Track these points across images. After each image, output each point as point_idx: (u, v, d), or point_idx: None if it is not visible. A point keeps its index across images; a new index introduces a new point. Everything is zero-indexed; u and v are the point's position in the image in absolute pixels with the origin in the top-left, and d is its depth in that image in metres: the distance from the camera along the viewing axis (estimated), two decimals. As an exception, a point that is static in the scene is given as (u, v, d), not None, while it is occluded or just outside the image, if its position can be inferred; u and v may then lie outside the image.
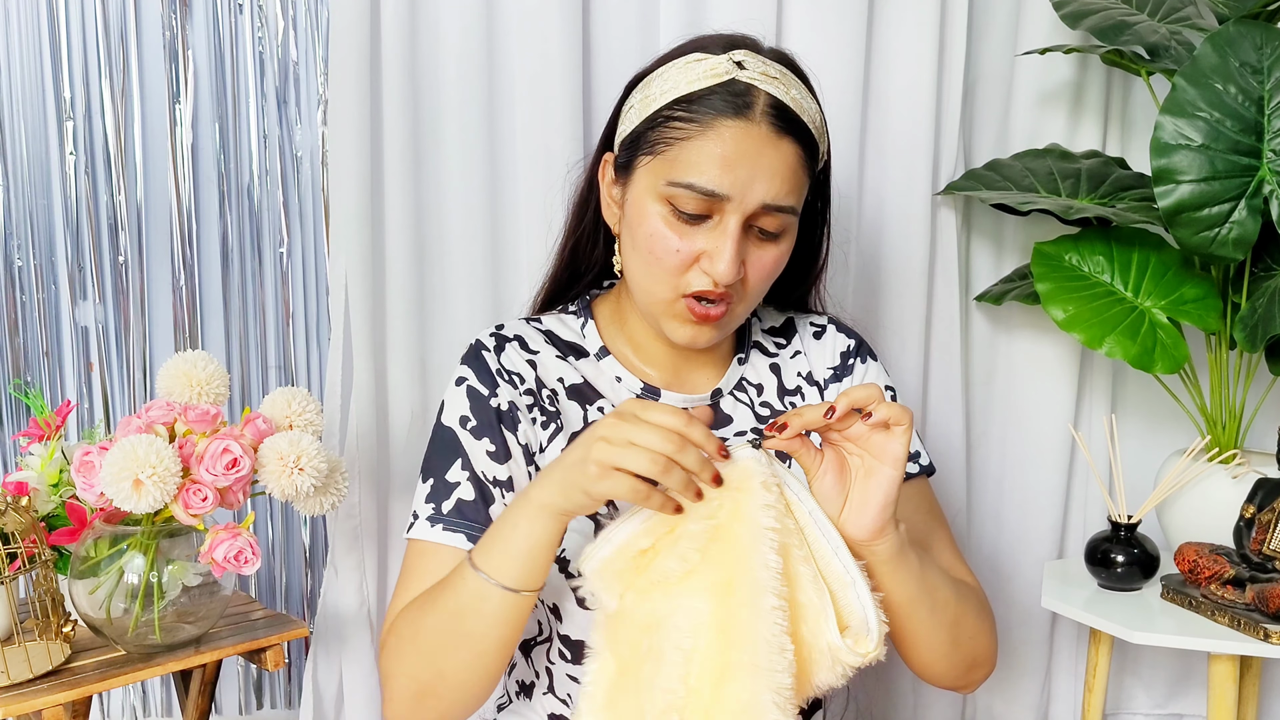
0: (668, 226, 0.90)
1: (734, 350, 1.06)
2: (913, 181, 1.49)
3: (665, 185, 0.90)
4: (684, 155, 0.89)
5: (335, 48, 1.33)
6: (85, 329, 1.52)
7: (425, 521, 0.95)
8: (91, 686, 1.05)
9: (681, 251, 0.90)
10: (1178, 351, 1.33)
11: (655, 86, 0.93)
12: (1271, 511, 1.22)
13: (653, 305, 0.95)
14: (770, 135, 0.89)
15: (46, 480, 1.16)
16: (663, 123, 0.91)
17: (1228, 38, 1.25)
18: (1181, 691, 1.69)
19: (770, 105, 0.89)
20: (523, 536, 0.82)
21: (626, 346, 1.03)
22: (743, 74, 0.90)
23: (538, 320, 1.06)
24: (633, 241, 0.94)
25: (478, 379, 0.98)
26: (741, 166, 0.88)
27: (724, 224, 0.89)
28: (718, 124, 0.88)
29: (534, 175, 1.39)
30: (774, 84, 0.90)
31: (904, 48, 1.47)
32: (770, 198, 0.89)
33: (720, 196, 0.88)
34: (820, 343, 1.09)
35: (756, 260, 0.92)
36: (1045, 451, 1.59)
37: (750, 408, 1.04)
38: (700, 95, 0.90)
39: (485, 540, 0.85)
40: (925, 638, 0.91)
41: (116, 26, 1.47)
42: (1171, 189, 1.25)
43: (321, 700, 1.45)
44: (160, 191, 1.51)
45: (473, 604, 0.84)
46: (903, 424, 0.80)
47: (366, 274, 1.37)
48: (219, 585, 1.13)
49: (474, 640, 0.85)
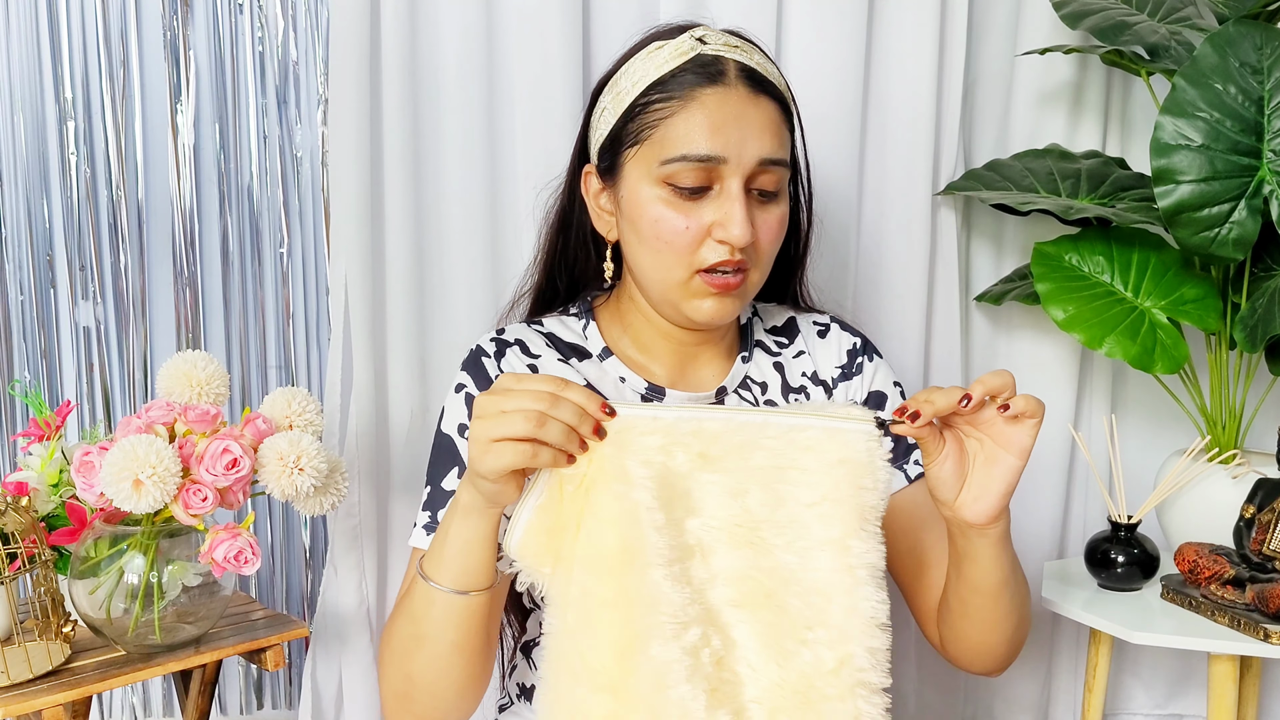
0: (670, 208, 0.91)
1: (738, 348, 1.07)
2: (913, 181, 1.49)
3: (659, 166, 0.91)
4: (671, 132, 0.90)
5: (335, 48, 1.33)
6: (85, 329, 1.52)
7: (422, 529, 0.96)
8: (91, 687, 1.05)
9: (690, 228, 0.91)
10: (1178, 351, 1.34)
11: (624, 82, 0.94)
12: (1271, 511, 1.22)
13: (670, 292, 0.94)
14: (749, 94, 0.91)
15: (46, 480, 1.16)
16: (640, 111, 0.92)
17: (1228, 38, 1.25)
18: (1181, 692, 1.69)
19: (740, 69, 0.92)
20: (453, 538, 0.82)
21: (630, 346, 1.03)
22: (707, 47, 0.92)
23: (539, 323, 1.05)
24: (638, 236, 0.94)
25: (477, 386, 0.98)
26: (730, 128, 0.89)
27: (726, 189, 0.90)
28: (697, 94, 0.90)
29: (534, 175, 1.39)
30: (738, 52, 0.93)
31: (904, 48, 1.48)
32: (765, 152, 0.90)
33: (717, 159, 0.89)
34: (825, 341, 1.09)
35: (763, 223, 0.93)
36: (1045, 451, 1.59)
37: (754, 405, 1.04)
38: (671, 75, 0.91)
39: (430, 546, 0.85)
40: (1000, 621, 0.93)
41: (116, 26, 1.47)
42: (1171, 189, 1.25)
43: (321, 700, 1.45)
44: (160, 191, 1.51)
45: (423, 608, 0.85)
46: (1036, 416, 0.80)
47: (366, 274, 1.37)
48: (219, 585, 1.13)
49: (429, 642, 0.85)
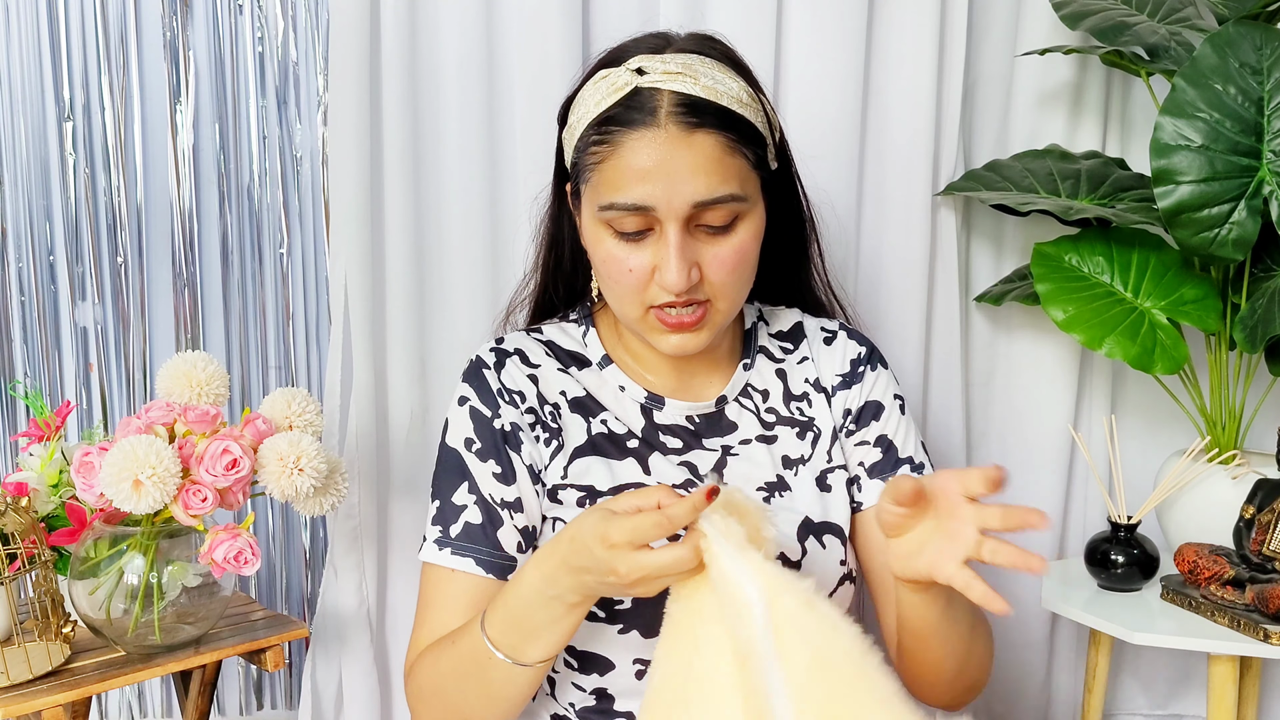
0: (615, 248, 0.91)
1: (739, 354, 1.06)
2: (913, 182, 1.49)
3: (598, 211, 0.90)
4: (604, 178, 0.89)
5: (335, 48, 1.33)
6: (85, 329, 1.52)
7: (434, 544, 0.95)
8: (91, 687, 1.05)
9: (634, 270, 0.90)
10: (1177, 352, 1.33)
11: (575, 114, 0.93)
12: (1271, 512, 1.22)
13: (631, 324, 0.95)
14: (680, 135, 0.87)
15: (46, 481, 1.16)
16: (584, 149, 0.92)
17: (1227, 38, 1.25)
18: (1181, 692, 1.69)
19: (676, 105, 0.87)
20: (543, 625, 0.83)
21: (627, 354, 1.03)
22: (644, 79, 0.88)
23: (538, 330, 1.05)
24: (595, 269, 0.95)
25: (479, 399, 0.98)
26: (656, 176, 0.87)
27: (664, 235, 0.88)
28: (625, 139, 0.88)
29: (534, 175, 1.39)
30: (678, 80, 0.88)
31: (904, 48, 1.47)
32: (699, 195, 0.87)
33: (646, 209, 0.87)
34: (830, 349, 1.08)
35: (713, 258, 0.90)
36: (1045, 452, 1.59)
37: (755, 414, 1.03)
38: (607, 114, 0.89)
39: (502, 617, 0.85)
40: (936, 664, 0.93)
41: (116, 26, 1.47)
42: (1171, 190, 1.25)
43: (321, 701, 1.45)
44: (160, 192, 1.51)
45: (492, 674, 0.86)
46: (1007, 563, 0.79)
47: (366, 274, 1.37)
48: (219, 586, 1.13)
49: (494, 696, 0.88)
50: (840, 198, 1.48)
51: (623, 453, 0.98)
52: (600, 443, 0.98)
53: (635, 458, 0.98)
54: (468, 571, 0.94)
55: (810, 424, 1.04)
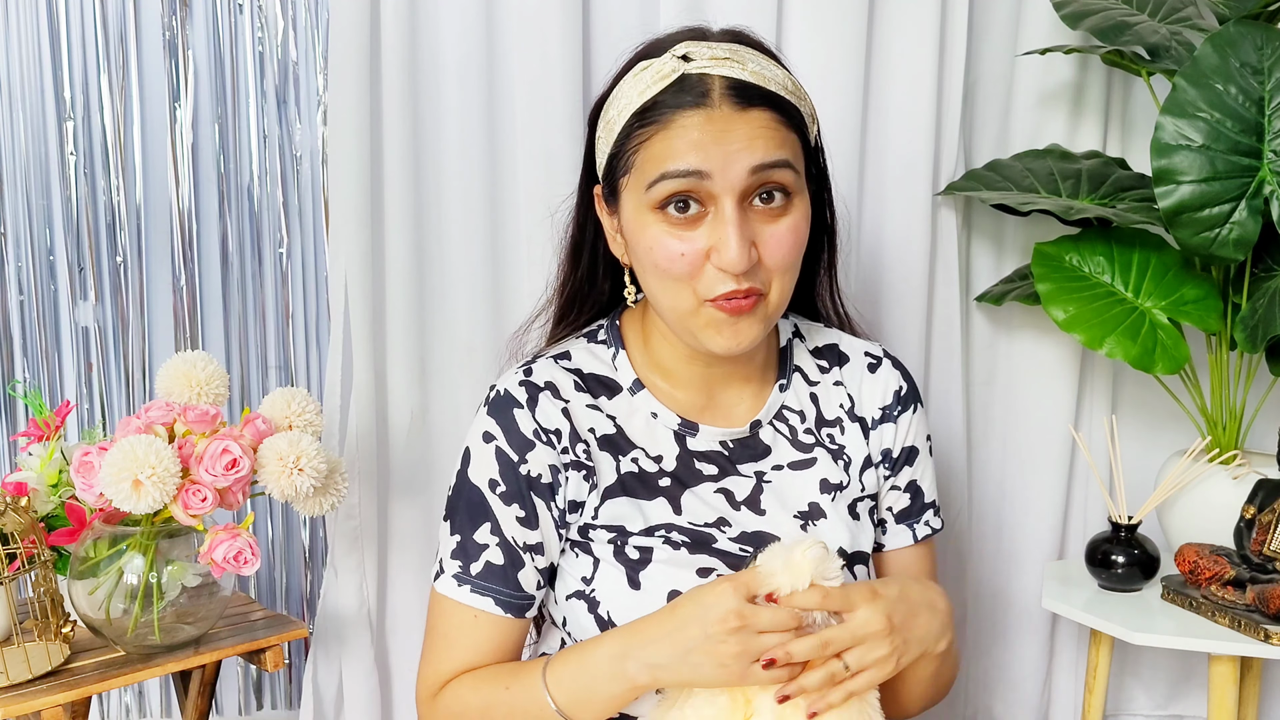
0: (665, 234, 0.87)
1: (775, 374, 1.02)
2: (913, 182, 1.49)
3: (647, 192, 0.87)
4: (652, 154, 0.86)
5: (335, 48, 1.33)
6: (85, 329, 1.52)
7: (452, 579, 0.94)
8: (91, 687, 1.05)
9: (687, 254, 0.86)
10: (1178, 352, 1.33)
11: (613, 110, 0.91)
12: (1272, 512, 1.22)
13: (683, 321, 0.90)
14: (734, 112, 0.85)
15: (46, 480, 1.16)
16: (627, 136, 0.89)
17: (1228, 38, 1.25)
18: (1182, 692, 1.69)
19: (727, 87, 0.86)
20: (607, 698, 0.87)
21: (655, 373, 0.99)
22: (691, 66, 0.86)
23: (565, 357, 1.00)
24: (641, 264, 0.91)
25: (507, 441, 0.94)
26: (713, 146, 0.84)
27: (720, 210, 0.85)
28: (678, 118, 0.85)
29: (534, 175, 1.39)
30: (726, 65, 0.86)
31: (904, 49, 1.47)
32: (756, 159, 0.85)
33: (702, 174, 0.84)
34: (875, 377, 1.04)
35: (770, 237, 0.87)
36: (1046, 452, 1.59)
37: (790, 439, 1.00)
38: (654, 102, 0.87)
39: (571, 683, 0.88)
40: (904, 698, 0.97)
41: (116, 26, 1.47)
42: (1172, 189, 1.25)
43: (321, 701, 1.45)
44: (160, 191, 1.51)
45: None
46: None
47: (366, 274, 1.37)
48: (218, 586, 1.13)
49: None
50: (840, 198, 1.47)
51: (653, 492, 0.95)
52: (629, 482, 0.95)
53: (666, 497, 0.95)
54: (487, 611, 0.93)
55: (841, 451, 1.02)
